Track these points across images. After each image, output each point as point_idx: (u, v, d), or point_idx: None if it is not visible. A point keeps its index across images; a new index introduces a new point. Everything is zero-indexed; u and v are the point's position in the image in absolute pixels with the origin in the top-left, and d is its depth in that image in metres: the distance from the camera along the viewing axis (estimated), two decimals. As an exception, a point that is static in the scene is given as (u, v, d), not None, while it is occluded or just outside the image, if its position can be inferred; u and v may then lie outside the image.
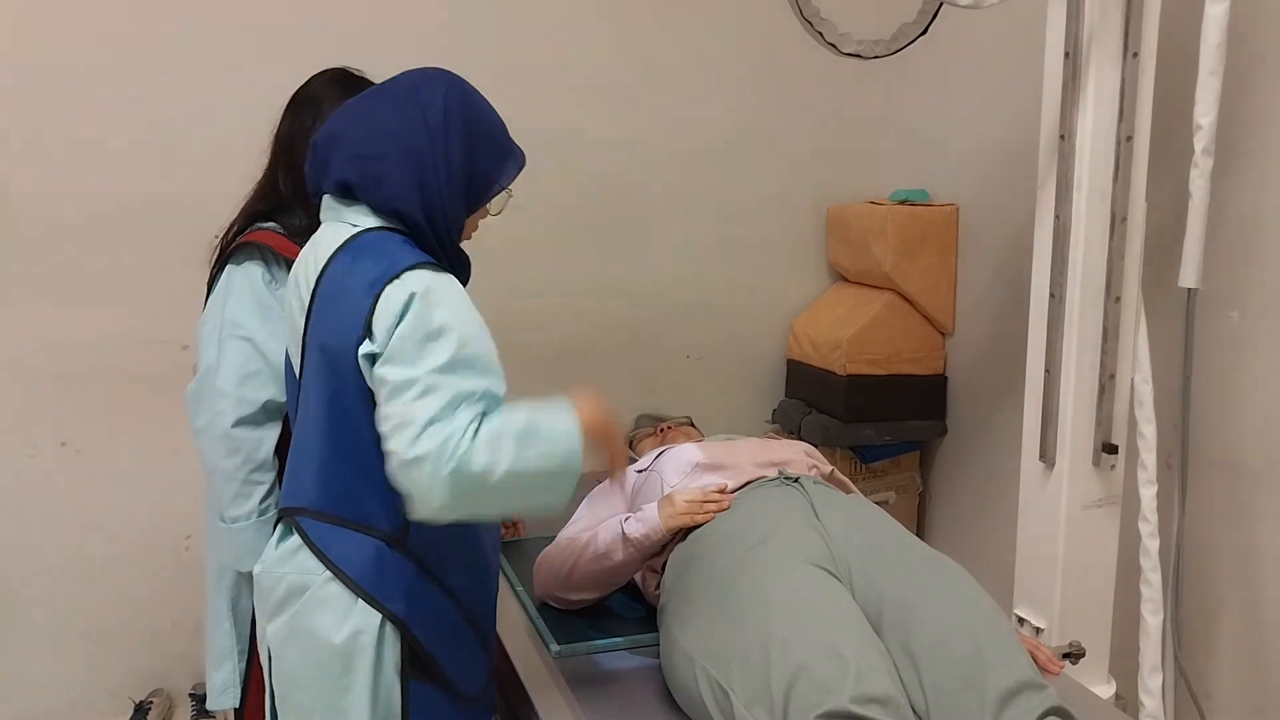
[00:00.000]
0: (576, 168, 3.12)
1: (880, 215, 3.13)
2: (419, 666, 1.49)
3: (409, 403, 1.34)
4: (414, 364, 1.36)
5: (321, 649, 1.47)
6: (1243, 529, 2.27)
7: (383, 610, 1.46)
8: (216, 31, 2.75)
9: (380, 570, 1.46)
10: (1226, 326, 2.26)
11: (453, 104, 1.49)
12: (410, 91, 1.50)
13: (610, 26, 3.09)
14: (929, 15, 2.23)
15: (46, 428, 2.81)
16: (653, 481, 2.08)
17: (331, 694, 1.47)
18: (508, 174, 1.57)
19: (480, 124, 1.52)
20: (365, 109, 1.51)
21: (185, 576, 2.95)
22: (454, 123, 1.48)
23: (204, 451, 1.83)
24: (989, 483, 3.07)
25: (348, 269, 1.45)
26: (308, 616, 1.47)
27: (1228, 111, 2.04)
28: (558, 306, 3.16)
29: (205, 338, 1.84)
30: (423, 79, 1.52)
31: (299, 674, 1.50)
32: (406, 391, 1.35)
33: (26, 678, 2.89)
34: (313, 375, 1.49)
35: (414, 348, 1.37)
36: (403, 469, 1.34)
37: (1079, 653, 2.16)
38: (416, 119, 1.47)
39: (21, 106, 2.66)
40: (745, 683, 1.49)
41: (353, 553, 1.47)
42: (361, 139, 1.48)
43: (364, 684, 1.45)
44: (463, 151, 1.49)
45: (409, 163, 1.46)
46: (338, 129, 1.51)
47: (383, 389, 1.38)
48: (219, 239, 1.92)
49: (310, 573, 1.48)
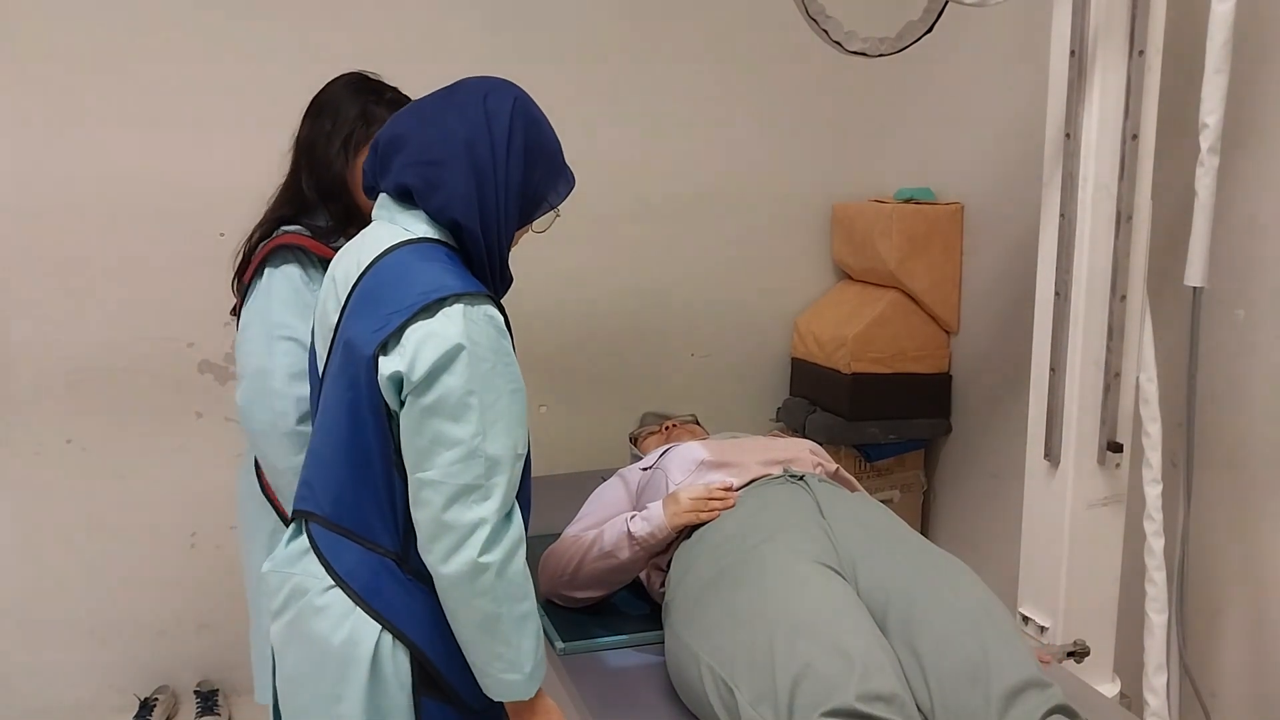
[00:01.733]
0: (583, 166, 3.12)
1: (885, 214, 3.13)
2: (426, 681, 1.47)
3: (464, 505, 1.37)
4: (460, 421, 1.37)
5: (317, 654, 1.46)
6: (1248, 528, 2.27)
7: (386, 624, 1.44)
8: (231, 30, 2.75)
9: (384, 585, 1.45)
10: (1232, 325, 2.26)
11: (518, 116, 1.48)
12: (478, 99, 1.47)
13: (620, 26, 3.09)
14: (934, 13, 2.22)
15: (52, 426, 2.81)
16: (658, 479, 2.08)
17: (326, 701, 1.45)
18: (559, 193, 1.57)
19: (540, 140, 1.52)
20: (431, 113, 1.48)
21: (190, 574, 2.96)
22: (516, 136, 1.47)
23: (267, 453, 1.83)
24: (994, 481, 3.07)
25: (395, 274, 1.43)
26: (306, 621, 1.47)
27: (1234, 110, 2.03)
28: (563, 304, 3.16)
29: (251, 341, 1.84)
30: (491, 87, 1.50)
31: (296, 677, 1.50)
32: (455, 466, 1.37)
33: (32, 674, 2.90)
34: (335, 373, 1.47)
35: (458, 407, 1.37)
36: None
37: (1084, 651, 2.16)
38: (481, 128, 1.45)
39: (32, 100, 2.67)
40: (750, 680, 1.50)
41: (357, 566, 1.45)
42: (426, 144, 1.45)
43: (357, 695, 1.43)
44: (522, 166, 1.48)
45: (470, 172, 1.44)
46: (403, 131, 1.48)
47: (422, 434, 1.38)
48: (244, 244, 1.92)
49: (313, 577, 1.47)
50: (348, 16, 2.85)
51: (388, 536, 1.45)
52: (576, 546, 1.98)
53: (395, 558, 1.45)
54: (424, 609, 1.45)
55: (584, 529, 2.05)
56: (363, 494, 1.45)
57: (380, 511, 1.45)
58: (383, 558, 1.45)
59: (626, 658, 1.90)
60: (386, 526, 1.45)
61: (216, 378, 2.89)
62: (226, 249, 1.97)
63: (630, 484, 2.17)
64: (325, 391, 1.51)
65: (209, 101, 2.76)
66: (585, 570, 1.96)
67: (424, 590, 1.45)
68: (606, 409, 3.17)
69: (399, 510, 1.44)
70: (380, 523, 1.45)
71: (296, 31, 2.79)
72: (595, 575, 1.96)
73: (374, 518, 1.45)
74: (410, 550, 1.44)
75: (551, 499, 2.36)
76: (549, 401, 3.16)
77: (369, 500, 1.45)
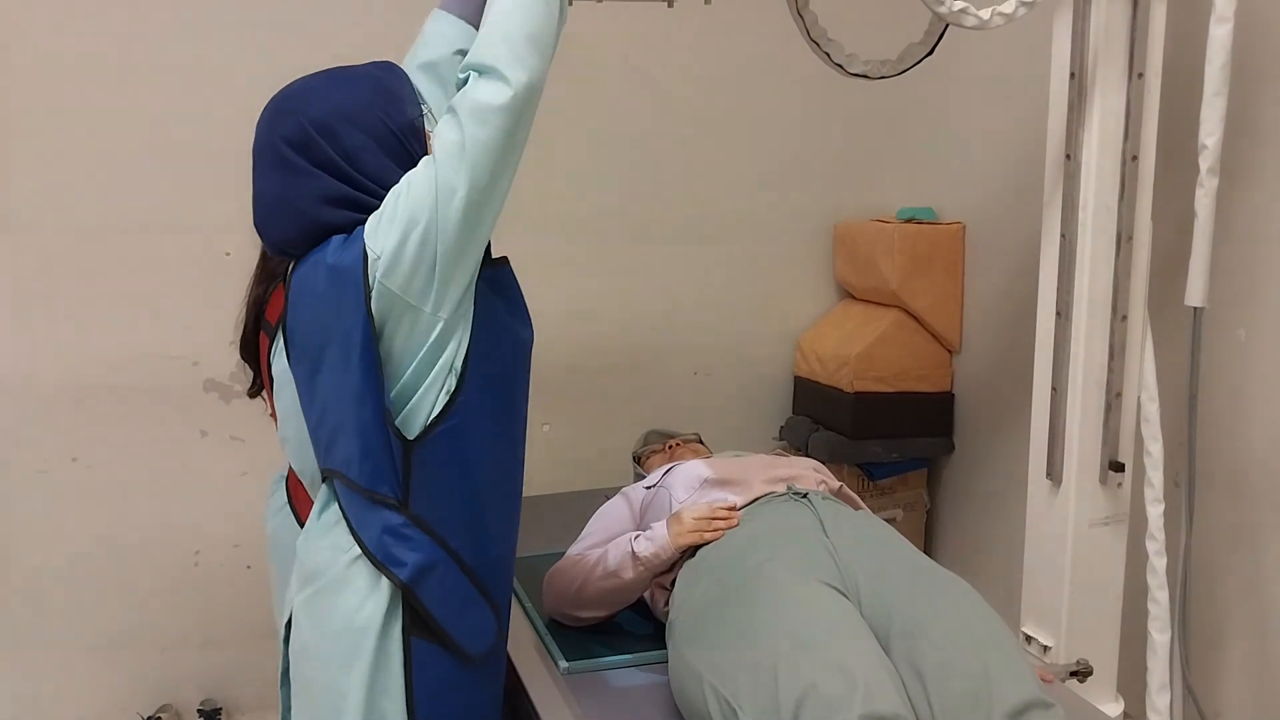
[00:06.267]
0: (587, 186, 3.14)
1: (887, 233, 3.14)
2: (419, 624, 1.50)
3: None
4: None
5: (337, 627, 1.50)
6: (1250, 547, 2.27)
7: (390, 575, 1.48)
8: (241, 50, 2.77)
9: (387, 535, 1.49)
10: (1233, 344, 2.27)
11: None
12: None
13: (621, 46, 3.11)
14: (935, 36, 2.24)
15: (58, 444, 2.82)
16: (661, 498, 2.08)
17: (336, 671, 1.50)
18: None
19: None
20: None
21: (194, 592, 2.96)
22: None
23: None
24: (996, 500, 3.08)
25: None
26: (330, 593, 1.51)
27: (1232, 131, 2.05)
28: (567, 323, 3.17)
29: (293, 383, 1.82)
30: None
31: (310, 647, 1.54)
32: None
33: (35, 691, 2.90)
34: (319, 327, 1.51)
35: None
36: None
37: (1086, 670, 2.16)
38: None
39: (33, 120, 2.69)
40: (754, 700, 1.50)
41: (370, 522, 1.50)
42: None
43: (365, 664, 1.48)
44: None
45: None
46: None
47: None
48: (246, 304, 1.91)
49: (340, 549, 1.52)
50: (358, 40, 2.86)
51: (387, 485, 1.48)
52: (580, 566, 1.98)
53: (397, 504, 1.49)
54: (421, 551, 1.49)
55: (588, 548, 2.05)
56: (366, 443, 1.48)
57: (376, 460, 1.47)
58: (386, 509, 1.49)
59: (630, 677, 1.89)
60: (388, 475, 1.48)
61: (221, 396, 2.90)
62: (232, 268, 1.99)
63: (634, 503, 2.18)
64: (308, 373, 1.55)
65: (215, 120, 2.77)
66: (589, 590, 1.96)
67: (422, 533, 1.49)
68: (610, 427, 3.18)
69: (396, 456, 1.47)
70: (387, 471, 1.48)
71: (306, 54, 2.81)
72: (599, 595, 1.96)
73: (384, 467, 1.48)
74: (410, 491, 1.48)
75: (555, 517, 2.37)
76: (553, 420, 3.16)
77: (371, 449, 1.47)
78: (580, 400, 3.24)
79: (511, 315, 1.56)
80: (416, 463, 1.48)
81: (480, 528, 1.57)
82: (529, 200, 1.62)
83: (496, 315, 1.53)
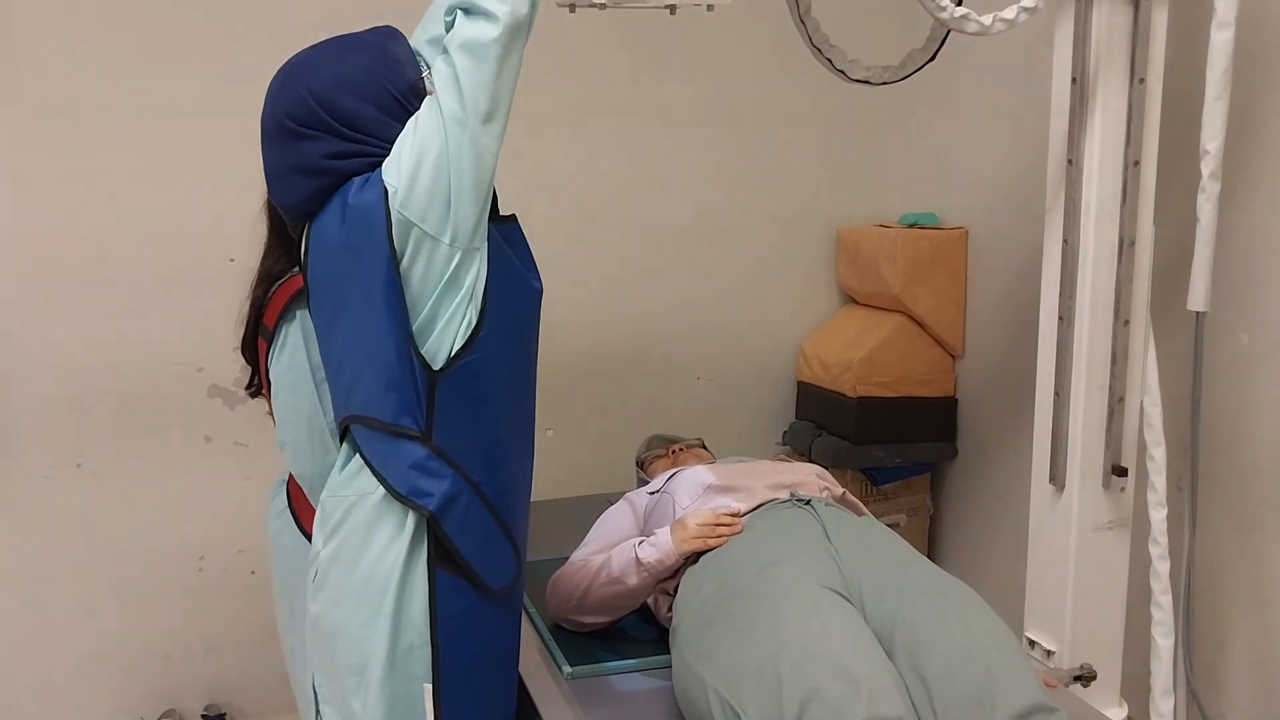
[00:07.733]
0: (588, 189, 3.15)
1: (890, 238, 3.15)
2: (444, 556, 1.55)
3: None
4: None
5: (365, 570, 1.54)
6: (1254, 550, 2.27)
7: (416, 508, 1.52)
8: (236, 58, 2.78)
9: (413, 469, 1.53)
10: (1236, 349, 2.27)
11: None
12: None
13: (624, 49, 3.12)
14: (937, 42, 2.25)
15: (62, 450, 2.83)
16: (665, 503, 2.08)
17: (366, 615, 1.54)
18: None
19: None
20: None
21: (198, 598, 2.97)
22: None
23: (319, 490, 1.81)
24: (999, 505, 3.08)
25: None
26: (357, 536, 1.55)
27: (1234, 136, 2.05)
28: (570, 328, 3.17)
29: (289, 388, 1.84)
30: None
31: (339, 592, 1.57)
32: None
33: (39, 698, 2.90)
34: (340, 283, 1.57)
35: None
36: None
37: (1090, 675, 2.16)
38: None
39: (39, 129, 2.70)
40: (757, 705, 1.50)
41: (394, 460, 1.53)
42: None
43: (391, 602, 1.53)
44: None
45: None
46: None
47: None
48: (247, 306, 1.92)
49: (365, 493, 1.56)
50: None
51: (410, 418, 1.52)
52: (584, 572, 1.99)
53: (420, 436, 1.53)
54: (445, 484, 1.53)
55: (591, 554, 2.05)
56: (390, 376, 1.52)
57: (401, 392, 1.52)
58: (409, 442, 1.53)
59: (634, 682, 1.90)
60: (410, 408, 1.52)
61: (225, 402, 2.91)
62: (236, 274, 1.99)
63: (637, 508, 2.18)
64: (329, 318, 1.60)
65: (218, 125, 2.78)
66: (593, 596, 1.96)
67: (446, 466, 1.53)
68: (613, 433, 3.18)
69: (420, 388, 1.51)
70: (410, 405, 1.52)
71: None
72: (603, 601, 1.96)
73: (397, 398, 1.52)
74: (433, 424, 1.52)
75: (558, 523, 2.37)
76: (555, 425, 3.17)
77: (395, 381, 1.52)
78: (583, 405, 3.25)
79: (523, 263, 1.62)
80: (441, 394, 1.53)
81: (499, 465, 1.61)
82: (532, 204, 1.62)
83: (508, 260, 1.59)
